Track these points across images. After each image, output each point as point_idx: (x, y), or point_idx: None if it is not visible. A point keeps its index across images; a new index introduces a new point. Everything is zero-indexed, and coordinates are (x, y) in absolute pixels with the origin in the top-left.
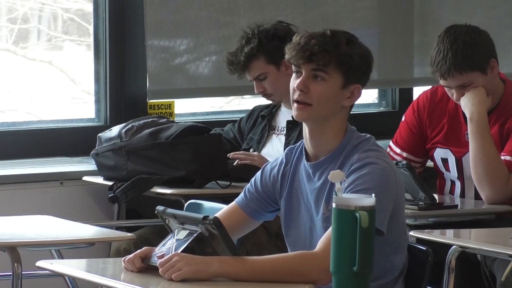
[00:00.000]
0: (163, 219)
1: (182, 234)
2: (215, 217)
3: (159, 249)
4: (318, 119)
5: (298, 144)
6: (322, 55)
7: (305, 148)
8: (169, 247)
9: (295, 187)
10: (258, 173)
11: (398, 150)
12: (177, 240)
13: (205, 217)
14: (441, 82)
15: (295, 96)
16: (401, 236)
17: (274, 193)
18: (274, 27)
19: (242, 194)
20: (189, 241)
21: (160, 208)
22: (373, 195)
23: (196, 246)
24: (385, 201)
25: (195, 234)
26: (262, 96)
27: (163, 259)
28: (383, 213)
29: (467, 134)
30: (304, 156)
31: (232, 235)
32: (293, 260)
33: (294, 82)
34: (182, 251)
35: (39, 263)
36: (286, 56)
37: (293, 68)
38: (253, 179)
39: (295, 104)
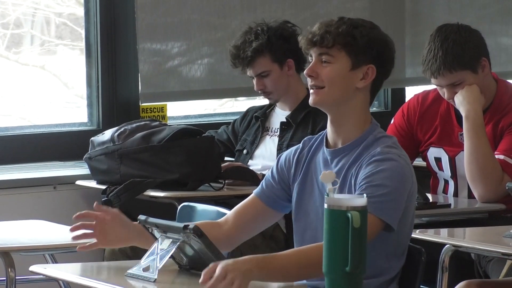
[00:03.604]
0: (146, 228)
1: (166, 243)
2: (195, 226)
3: (145, 261)
4: (332, 103)
5: (319, 133)
6: (323, 36)
7: (326, 137)
8: (153, 259)
9: (310, 173)
10: (275, 163)
11: None
12: (160, 250)
13: (186, 226)
14: (432, 80)
15: (309, 83)
16: (405, 238)
17: (289, 179)
18: (281, 27)
19: (260, 185)
20: (172, 252)
21: (142, 217)
22: (364, 195)
23: (178, 255)
24: (400, 200)
25: (178, 243)
26: (261, 93)
27: (207, 270)
28: (396, 212)
29: (460, 135)
30: (324, 144)
31: (252, 227)
32: (312, 251)
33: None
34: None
35: (33, 268)
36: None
37: (308, 58)
38: (269, 170)
39: (310, 90)
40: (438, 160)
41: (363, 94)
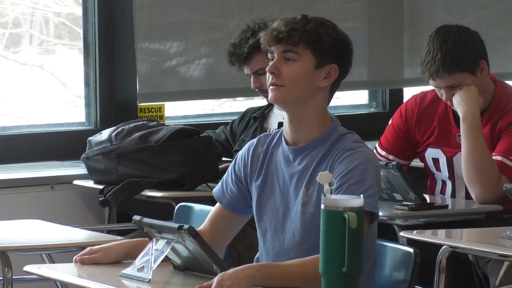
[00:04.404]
0: (141, 228)
1: (160, 243)
2: (190, 226)
3: (139, 261)
4: (293, 101)
5: (275, 131)
6: (290, 33)
7: (284, 134)
8: (148, 259)
9: (271, 172)
10: (232, 163)
11: (383, 153)
12: (155, 250)
13: (180, 227)
14: (430, 82)
15: (269, 80)
16: (373, 233)
17: (246, 177)
18: None
19: (220, 186)
20: (166, 252)
21: (136, 217)
22: (361, 196)
23: (172, 255)
24: (377, 189)
25: (172, 243)
26: (258, 91)
27: (204, 285)
28: (378, 202)
29: (458, 136)
30: (283, 142)
31: (227, 231)
32: (316, 262)
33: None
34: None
35: (27, 268)
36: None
37: (268, 55)
38: (227, 171)
39: (270, 87)
40: (435, 161)
41: (323, 93)
